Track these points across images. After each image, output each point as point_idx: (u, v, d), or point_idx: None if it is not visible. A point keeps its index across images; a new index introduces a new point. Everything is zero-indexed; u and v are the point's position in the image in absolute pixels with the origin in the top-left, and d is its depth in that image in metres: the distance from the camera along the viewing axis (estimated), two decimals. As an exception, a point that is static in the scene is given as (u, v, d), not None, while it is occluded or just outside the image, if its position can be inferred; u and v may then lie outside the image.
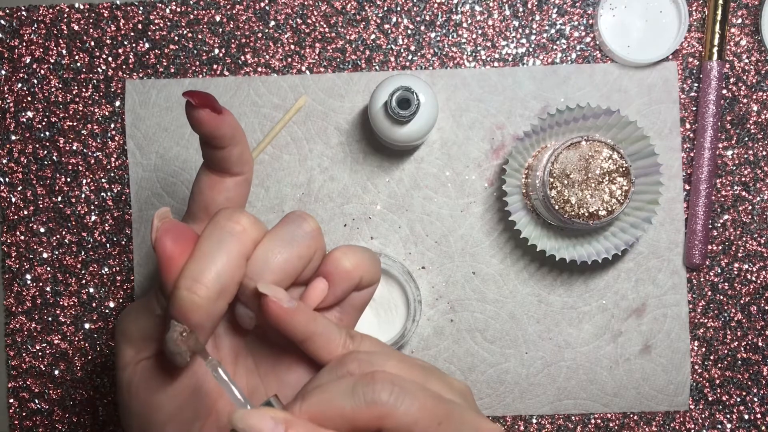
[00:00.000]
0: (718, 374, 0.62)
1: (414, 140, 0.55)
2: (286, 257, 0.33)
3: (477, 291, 0.61)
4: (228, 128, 0.36)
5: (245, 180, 0.39)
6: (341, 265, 0.35)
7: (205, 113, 0.36)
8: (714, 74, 0.60)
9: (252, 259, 0.33)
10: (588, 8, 0.61)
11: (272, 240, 0.33)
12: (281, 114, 0.61)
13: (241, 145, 0.38)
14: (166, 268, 0.32)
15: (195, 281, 0.31)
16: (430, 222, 0.61)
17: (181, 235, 0.33)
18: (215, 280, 0.31)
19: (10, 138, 0.62)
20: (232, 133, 0.37)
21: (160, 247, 0.32)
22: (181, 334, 0.31)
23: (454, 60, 0.61)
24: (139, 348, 0.35)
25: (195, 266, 0.31)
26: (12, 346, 0.62)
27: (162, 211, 0.34)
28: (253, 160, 0.61)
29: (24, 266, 0.62)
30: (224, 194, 0.38)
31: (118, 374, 0.35)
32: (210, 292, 0.31)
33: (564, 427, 0.62)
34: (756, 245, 0.61)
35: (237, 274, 0.32)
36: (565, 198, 0.55)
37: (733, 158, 0.61)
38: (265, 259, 0.33)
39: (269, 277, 0.33)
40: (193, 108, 0.35)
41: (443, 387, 0.33)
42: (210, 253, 0.32)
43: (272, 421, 0.29)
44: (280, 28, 0.61)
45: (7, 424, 0.62)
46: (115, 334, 0.36)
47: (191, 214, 0.39)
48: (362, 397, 0.30)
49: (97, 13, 0.62)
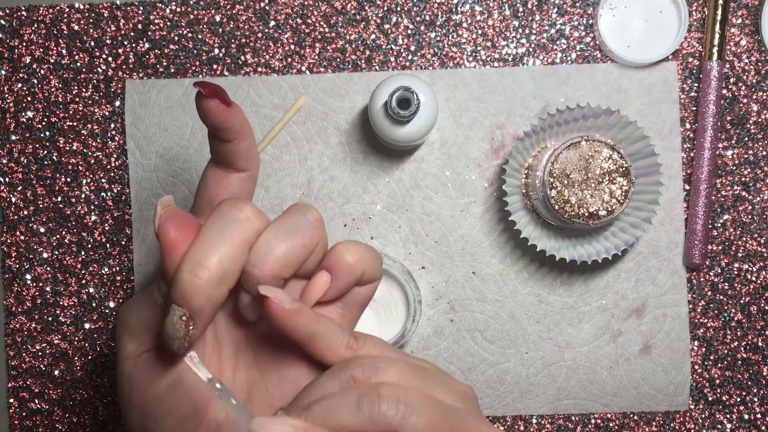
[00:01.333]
0: (718, 374, 0.62)
1: (414, 140, 0.55)
2: (289, 245, 0.33)
3: (477, 291, 0.61)
4: (235, 121, 0.37)
5: (251, 177, 0.39)
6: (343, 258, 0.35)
7: (214, 104, 0.36)
8: (714, 74, 0.60)
9: (255, 246, 0.33)
10: (588, 8, 0.61)
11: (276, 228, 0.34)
12: (281, 114, 0.61)
13: (248, 140, 0.38)
14: (169, 254, 0.32)
15: (197, 264, 0.31)
16: (430, 222, 0.61)
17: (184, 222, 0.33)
18: (217, 265, 0.31)
19: (10, 138, 0.62)
20: (239, 126, 0.37)
21: (163, 233, 0.32)
22: (180, 317, 0.31)
23: (454, 60, 0.61)
24: (141, 340, 0.35)
25: (198, 250, 0.32)
26: (12, 346, 0.62)
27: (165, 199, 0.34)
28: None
29: (24, 266, 0.62)
30: (229, 190, 0.39)
31: (119, 366, 0.36)
32: (212, 275, 0.31)
33: (564, 427, 0.62)
34: (756, 245, 0.61)
35: (239, 260, 0.32)
36: (565, 198, 0.55)
37: (733, 158, 0.61)
38: (268, 247, 0.33)
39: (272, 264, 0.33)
40: (203, 98, 0.36)
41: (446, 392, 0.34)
42: (213, 239, 0.32)
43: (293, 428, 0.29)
44: (280, 28, 0.61)
45: (7, 424, 0.62)
46: (117, 326, 0.36)
47: (197, 209, 0.39)
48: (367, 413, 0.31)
49: (97, 13, 0.62)
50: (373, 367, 0.33)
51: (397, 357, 0.35)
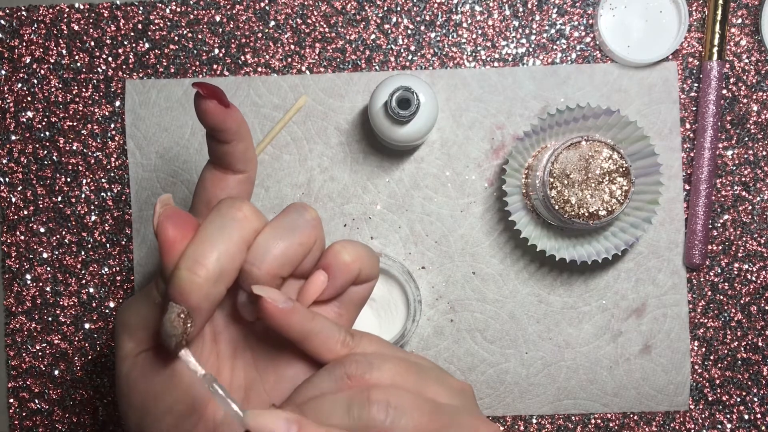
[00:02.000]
0: (718, 374, 0.62)
1: (414, 140, 0.55)
2: (287, 244, 0.34)
3: (477, 291, 0.61)
4: (233, 122, 0.37)
5: (248, 179, 0.40)
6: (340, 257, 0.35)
7: (213, 104, 0.36)
8: (714, 74, 0.60)
9: (254, 245, 0.33)
10: (588, 8, 0.61)
11: (274, 228, 0.34)
12: (281, 114, 0.61)
13: (246, 142, 0.38)
14: (167, 252, 0.32)
15: (196, 262, 0.31)
16: (430, 222, 0.61)
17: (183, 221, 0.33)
18: (215, 263, 0.32)
19: (10, 138, 0.62)
20: (237, 127, 0.37)
21: (161, 231, 0.32)
22: (178, 315, 0.31)
23: (454, 60, 0.61)
24: (139, 339, 0.35)
25: (196, 248, 0.32)
26: (12, 346, 0.62)
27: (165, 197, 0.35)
28: (253, 160, 0.61)
29: (24, 266, 0.62)
30: (226, 191, 0.39)
31: (118, 366, 0.36)
32: (210, 273, 0.32)
33: (564, 427, 0.62)
34: (756, 245, 0.61)
35: (237, 258, 0.33)
36: (565, 198, 0.55)
37: (733, 158, 0.61)
38: (266, 245, 0.33)
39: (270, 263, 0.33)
40: (202, 98, 0.36)
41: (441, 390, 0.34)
42: (212, 237, 0.32)
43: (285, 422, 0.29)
44: (280, 28, 0.61)
45: (7, 424, 0.62)
46: (115, 325, 0.36)
47: (194, 210, 0.40)
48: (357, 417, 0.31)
49: (97, 13, 0.62)
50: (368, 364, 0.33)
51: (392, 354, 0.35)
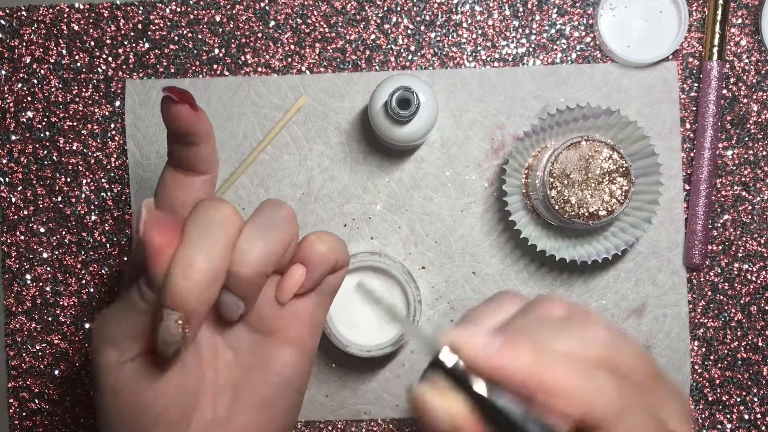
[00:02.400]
0: (718, 374, 0.62)
1: (414, 140, 0.55)
2: (268, 242, 0.34)
3: (477, 291, 0.61)
4: (204, 125, 0.38)
5: (212, 179, 0.40)
6: (317, 248, 0.36)
7: (185, 109, 0.37)
8: (714, 74, 0.60)
9: (237, 245, 0.33)
10: (588, 8, 0.61)
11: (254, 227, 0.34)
12: (281, 114, 0.61)
13: (212, 143, 0.39)
14: (156, 260, 0.32)
15: (188, 267, 0.31)
16: (430, 222, 0.61)
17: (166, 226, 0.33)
18: (207, 266, 0.32)
19: (10, 138, 0.62)
20: (206, 130, 0.38)
21: (149, 240, 0.32)
22: (176, 322, 0.31)
23: (454, 60, 0.61)
24: (124, 349, 0.34)
25: (186, 253, 0.32)
26: (12, 346, 0.62)
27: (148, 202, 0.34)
28: (253, 161, 0.61)
29: (24, 266, 0.62)
30: (192, 193, 0.39)
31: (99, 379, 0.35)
32: (204, 276, 0.32)
33: (564, 427, 0.62)
34: (756, 245, 0.61)
35: (226, 259, 0.33)
36: (565, 198, 0.55)
37: (733, 158, 0.61)
38: (249, 245, 0.33)
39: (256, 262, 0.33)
40: (174, 103, 0.36)
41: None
42: (199, 240, 0.32)
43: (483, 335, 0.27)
44: (280, 28, 0.61)
45: (7, 424, 0.62)
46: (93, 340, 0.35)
47: None
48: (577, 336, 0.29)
49: (97, 13, 0.62)
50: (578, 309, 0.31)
51: None
